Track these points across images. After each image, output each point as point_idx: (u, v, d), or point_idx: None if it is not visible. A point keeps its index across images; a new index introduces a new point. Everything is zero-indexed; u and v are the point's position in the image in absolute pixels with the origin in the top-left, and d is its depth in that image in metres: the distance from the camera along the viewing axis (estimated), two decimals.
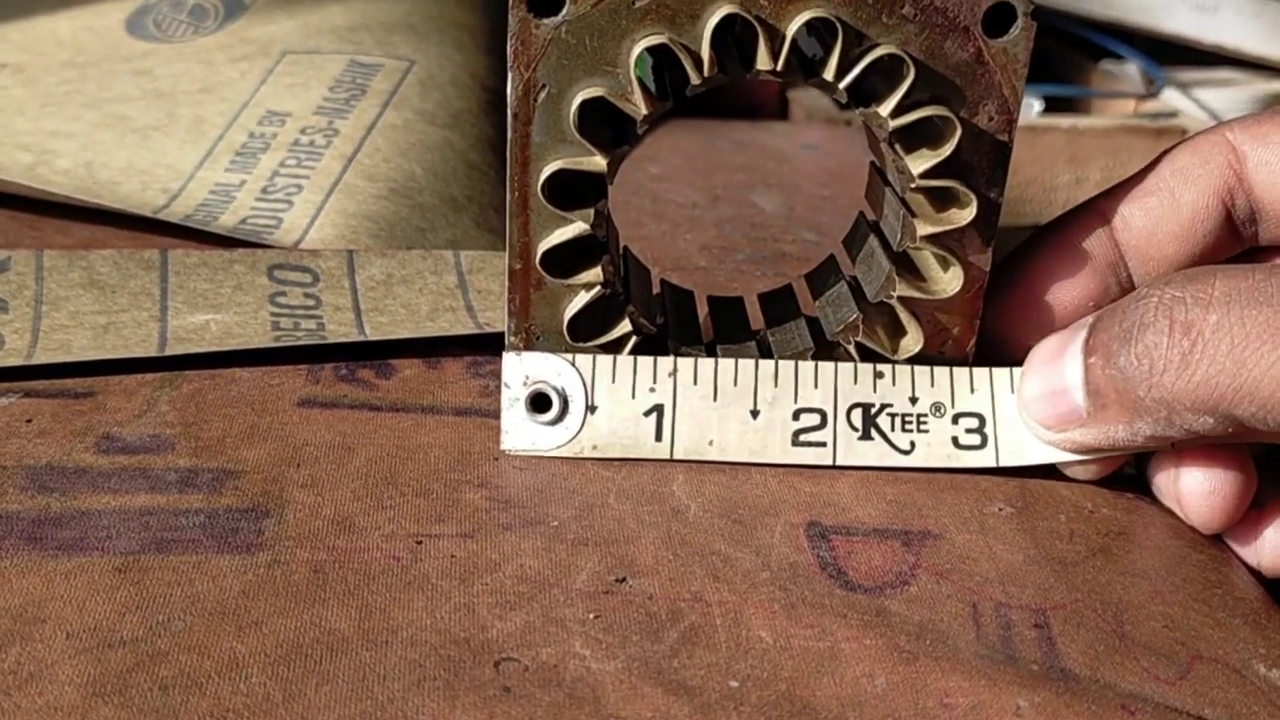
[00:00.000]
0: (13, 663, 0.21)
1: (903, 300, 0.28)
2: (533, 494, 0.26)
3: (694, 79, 0.25)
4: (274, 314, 0.32)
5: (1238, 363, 0.24)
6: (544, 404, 0.28)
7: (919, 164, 0.26)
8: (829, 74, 0.25)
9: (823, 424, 0.28)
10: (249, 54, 0.46)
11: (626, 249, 0.30)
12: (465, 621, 0.22)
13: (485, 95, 0.46)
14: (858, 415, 0.28)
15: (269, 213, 0.37)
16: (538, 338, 0.28)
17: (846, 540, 0.26)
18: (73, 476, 0.26)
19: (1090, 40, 0.68)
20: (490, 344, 0.32)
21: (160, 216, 0.37)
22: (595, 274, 0.27)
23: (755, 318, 0.31)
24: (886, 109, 0.26)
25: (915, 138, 0.26)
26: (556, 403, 0.28)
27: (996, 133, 0.26)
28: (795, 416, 0.28)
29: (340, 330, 0.32)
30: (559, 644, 0.22)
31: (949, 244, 0.27)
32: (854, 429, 0.28)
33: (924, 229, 0.27)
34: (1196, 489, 0.27)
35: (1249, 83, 0.67)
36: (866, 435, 0.28)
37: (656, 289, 0.32)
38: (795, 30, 0.25)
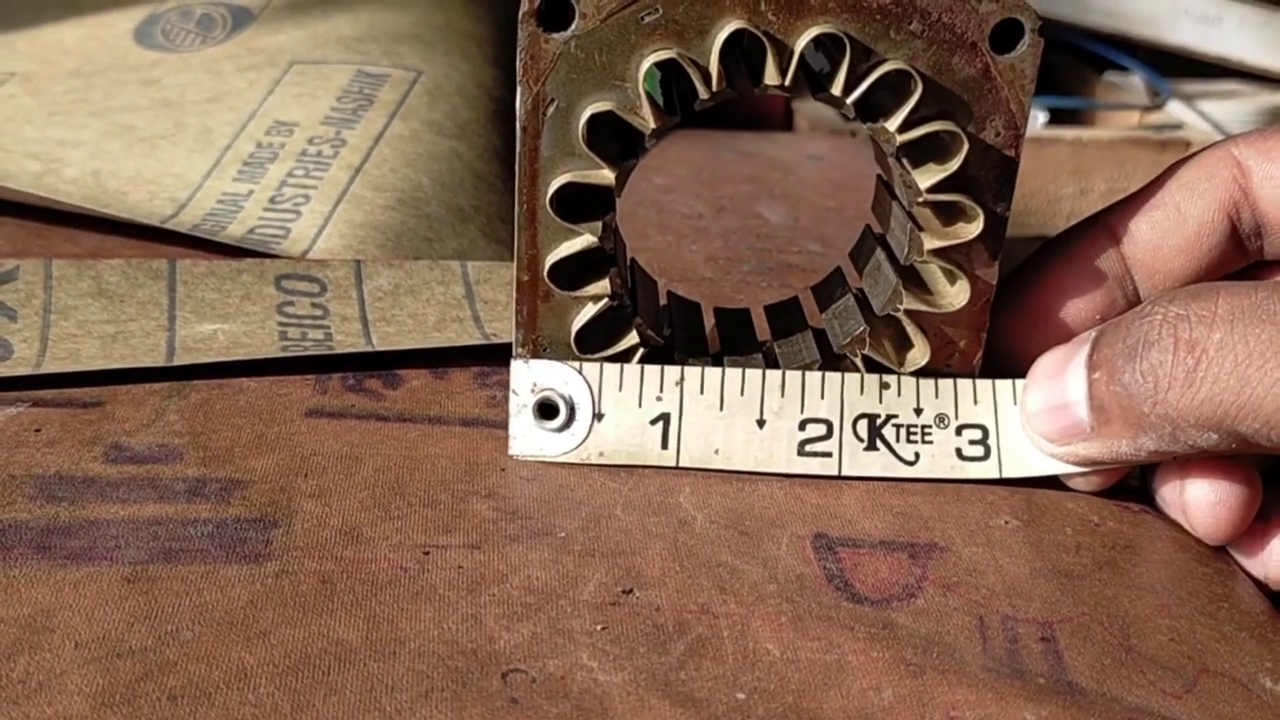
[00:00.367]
0: (21, 672, 0.21)
1: (910, 313, 0.28)
2: (540, 505, 0.26)
3: (702, 94, 0.25)
4: (281, 324, 0.32)
5: (1241, 380, 0.24)
6: (551, 411, 0.28)
7: (926, 178, 0.26)
8: (837, 89, 0.25)
9: (828, 434, 0.28)
10: (257, 64, 0.46)
11: (634, 261, 0.30)
12: (473, 632, 0.23)
13: (492, 106, 0.46)
14: (863, 426, 0.28)
15: (277, 223, 0.38)
16: (545, 349, 0.28)
17: (853, 552, 0.26)
18: (81, 486, 0.26)
19: (1095, 52, 0.68)
20: (497, 354, 0.32)
21: (168, 226, 0.37)
22: (603, 286, 0.27)
23: (762, 329, 0.32)
24: (894, 124, 0.26)
25: (922, 152, 0.26)
26: (563, 410, 0.28)
27: (1003, 148, 0.27)
28: (801, 427, 0.28)
29: (348, 340, 0.32)
30: (566, 655, 0.22)
31: (956, 258, 0.27)
32: (859, 440, 0.28)
33: (931, 243, 0.27)
34: (1203, 500, 0.27)
35: (1253, 95, 0.67)
36: (872, 446, 0.28)
37: (663, 301, 0.32)
38: (803, 46, 0.25)
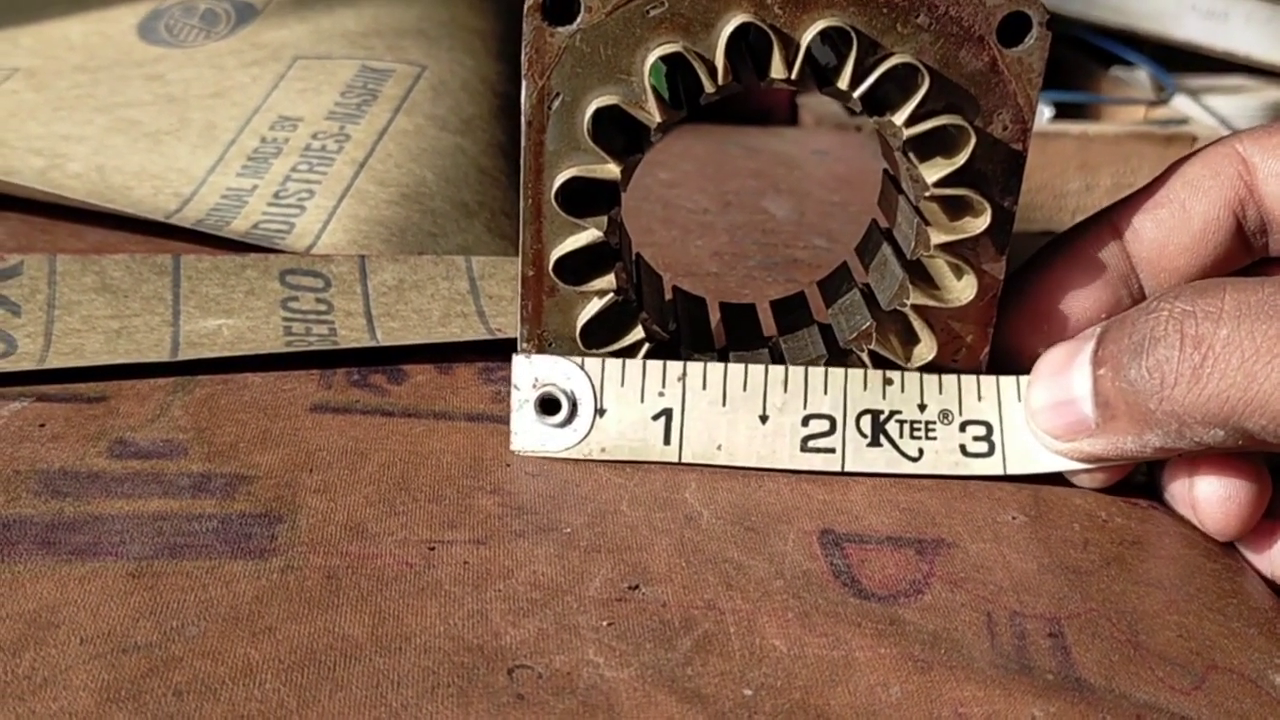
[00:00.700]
0: (27, 668, 0.21)
1: (916, 308, 0.28)
2: (545, 500, 0.26)
3: (708, 87, 0.25)
4: (286, 319, 0.32)
5: (1248, 376, 0.24)
6: (553, 406, 0.28)
7: (933, 173, 0.26)
8: (843, 83, 0.25)
9: (832, 430, 0.28)
10: (260, 59, 0.46)
11: (639, 256, 0.30)
12: (478, 628, 0.22)
13: (497, 101, 0.46)
14: (867, 422, 0.28)
15: (281, 218, 0.37)
16: (550, 344, 0.28)
17: (860, 548, 0.26)
18: (86, 481, 0.26)
19: (1100, 47, 0.68)
20: (502, 349, 0.32)
21: (172, 221, 0.37)
22: (608, 281, 0.27)
23: (768, 325, 0.31)
24: (901, 118, 0.26)
25: (929, 146, 0.26)
26: (565, 405, 0.28)
27: (1011, 141, 0.26)
28: (805, 422, 0.28)
29: (352, 336, 0.32)
30: (572, 651, 0.22)
31: (963, 252, 0.27)
32: (863, 435, 0.28)
33: (938, 237, 0.27)
34: (1212, 495, 0.27)
35: (1259, 90, 0.67)
36: (875, 442, 0.28)
37: (669, 295, 0.31)
38: (810, 39, 0.25)
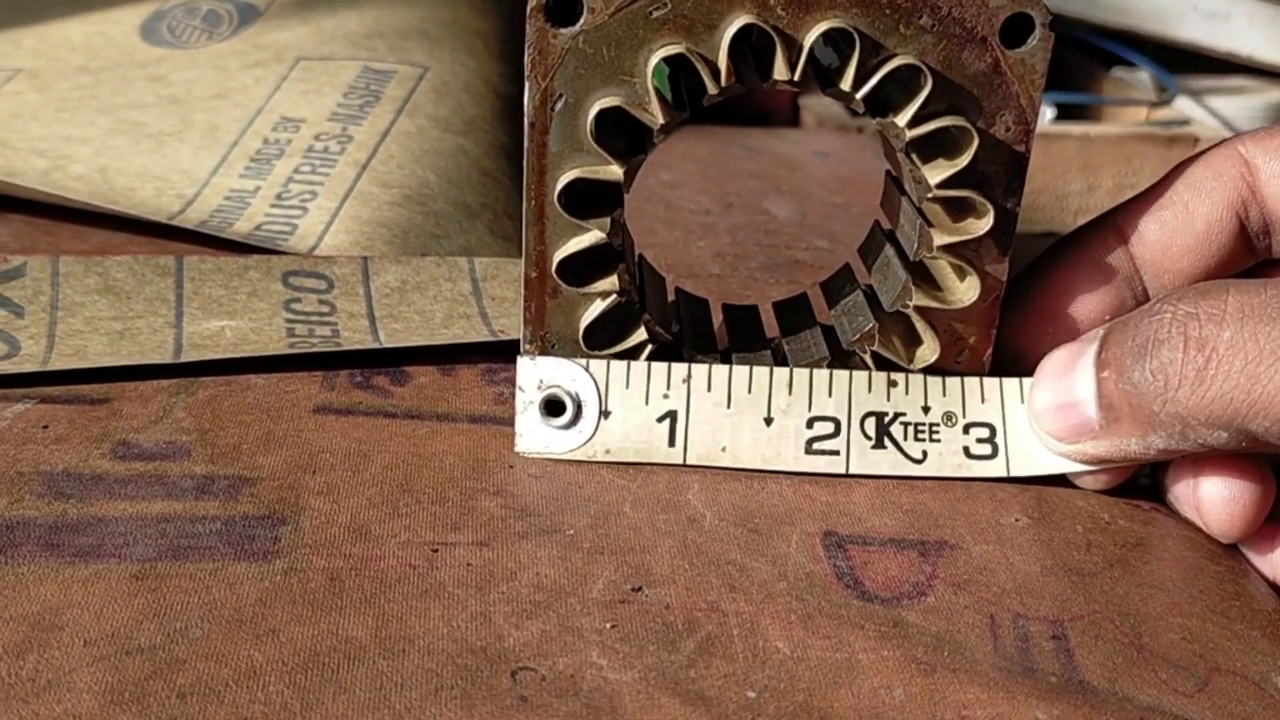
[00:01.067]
0: (30, 670, 0.21)
1: (919, 310, 0.28)
2: (548, 502, 0.26)
3: (711, 89, 0.25)
4: (289, 320, 0.32)
5: (1252, 378, 0.24)
6: (558, 409, 0.28)
7: (936, 174, 0.26)
8: (846, 84, 0.25)
9: (836, 432, 0.28)
10: (263, 60, 0.46)
11: (642, 257, 0.30)
12: (482, 630, 0.22)
13: (499, 102, 0.46)
14: (871, 424, 0.28)
15: (283, 219, 0.37)
16: (553, 346, 0.28)
17: (863, 550, 0.26)
18: (89, 483, 0.26)
19: (1102, 48, 0.68)
20: (505, 351, 0.32)
21: (175, 222, 0.37)
22: (611, 282, 0.27)
23: (770, 326, 0.31)
24: (904, 119, 0.26)
25: (932, 148, 0.26)
26: (570, 407, 0.28)
27: (1014, 143, 0.26)
28: (809, 425, 0.28)
29: (355, 337, 0.32)
30: (576, 653, 0.22)
31: (966, 254, 0.27)
32: (867, 438, 0.28)
33: (941, 239, 0.27)
34: (1217, 497, 0.27)
35: (1261, 90, 0.67)
36: (880, 444, 0.28)
37: (671, 297, 0.31)
38: (812, 41, 0.25)
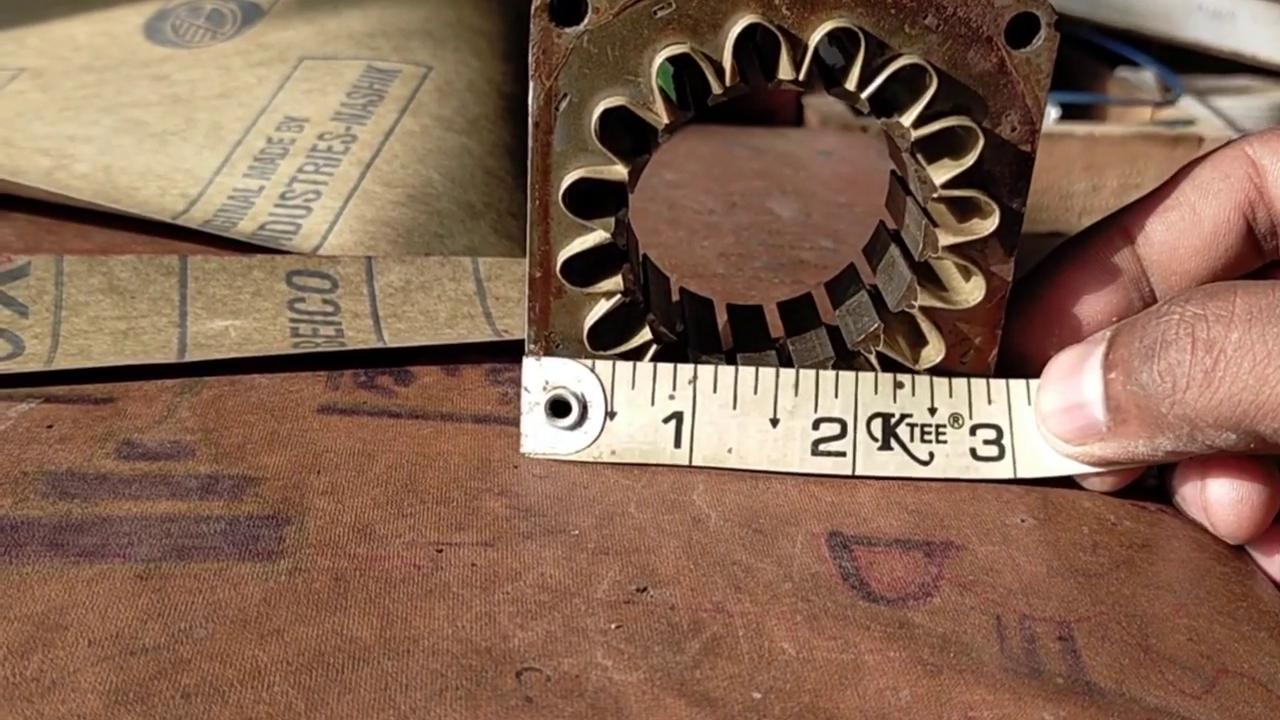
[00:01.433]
0: (35, 670, 0.21)
1: (924, 310, 0.28)
2: (553, 502, 0.26)
3: (716, 88, 0.25)
4: (293, 320, 0.32)
5: (1260, 380, 0.24)
6: (563, 409, 0.28)
7: (941, 174, 0.26)
8: (851, 84, 0.25)
9: (842, 434, 0.28)
10: (266, 59, 0.46)
11: (646, 257, 0.30)
12: (487, 631, 0.22)
13: (502, 101, 0.46)
14: (878, 425, 0.28)
15: (287, 218, 0.37)
16: (558, 346, 0.28)
17: (868, 551, 0.26)
18: (94, 483, 0.26)
19: (1107, 48, 0.68)
20: (509, 351, 0.32)
21: (179, 222, 0.37)
22: (615, 282, 0.27)
23: (775, 326, 0.31)
24: (909, 119, 0.26)
25: (937, 147, 0.26)
26: (575, 408, 0.28)
27: (1019, 143, 0.26)
28: (815, 426, 0.28)
29: (359, 337, 0.32)
30: (581, 654, 0.22)
31: (971, 254, 0.27)
32: (874, 439, 0.28)
33: (946, 239, 0.27)
34: (1225, 498, 0.27)
35: (1266, 90, 0.67)
36: (886, 445, 0.28)
37: (675, 297, 0.31)
38: (817, 40, 0.25)
